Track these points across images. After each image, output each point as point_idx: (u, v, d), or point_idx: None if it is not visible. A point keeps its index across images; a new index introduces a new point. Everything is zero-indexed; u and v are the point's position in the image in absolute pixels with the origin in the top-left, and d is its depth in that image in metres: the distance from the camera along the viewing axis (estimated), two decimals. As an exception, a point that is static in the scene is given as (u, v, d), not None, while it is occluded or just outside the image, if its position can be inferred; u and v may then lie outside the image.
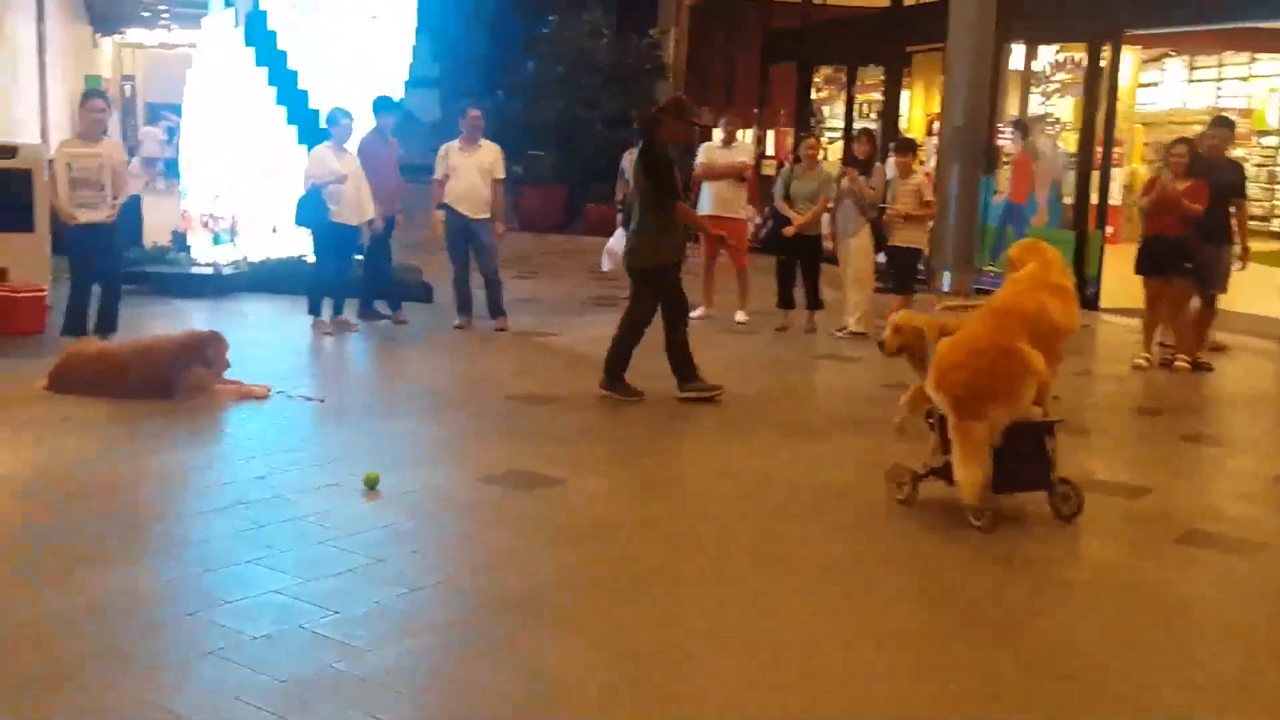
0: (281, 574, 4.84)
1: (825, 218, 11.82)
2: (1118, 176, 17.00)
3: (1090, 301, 13.50)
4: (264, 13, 12.75)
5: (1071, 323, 6.10)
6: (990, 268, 15.44)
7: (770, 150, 21.19)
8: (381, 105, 11.53)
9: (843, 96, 20.25)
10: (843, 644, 4.47)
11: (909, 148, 11.82)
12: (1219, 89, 20.89)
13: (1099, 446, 7.82)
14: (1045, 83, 16.65)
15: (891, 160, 13.29)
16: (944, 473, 5.99)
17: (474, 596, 4.79)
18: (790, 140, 20.92)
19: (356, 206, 10.76)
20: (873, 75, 19.96)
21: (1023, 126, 16.03)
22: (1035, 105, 16.58)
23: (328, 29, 13.08)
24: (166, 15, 35.17)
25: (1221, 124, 11.30)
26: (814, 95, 20.95)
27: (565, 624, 4.54)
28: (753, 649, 4.39)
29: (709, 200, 12.47)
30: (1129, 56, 16.80)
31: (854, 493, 6.46)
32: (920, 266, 12.05)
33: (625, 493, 6.39)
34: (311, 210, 10.67)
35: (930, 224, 11.84)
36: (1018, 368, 5.76)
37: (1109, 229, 15.50)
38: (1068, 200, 15.36)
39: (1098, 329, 12.70)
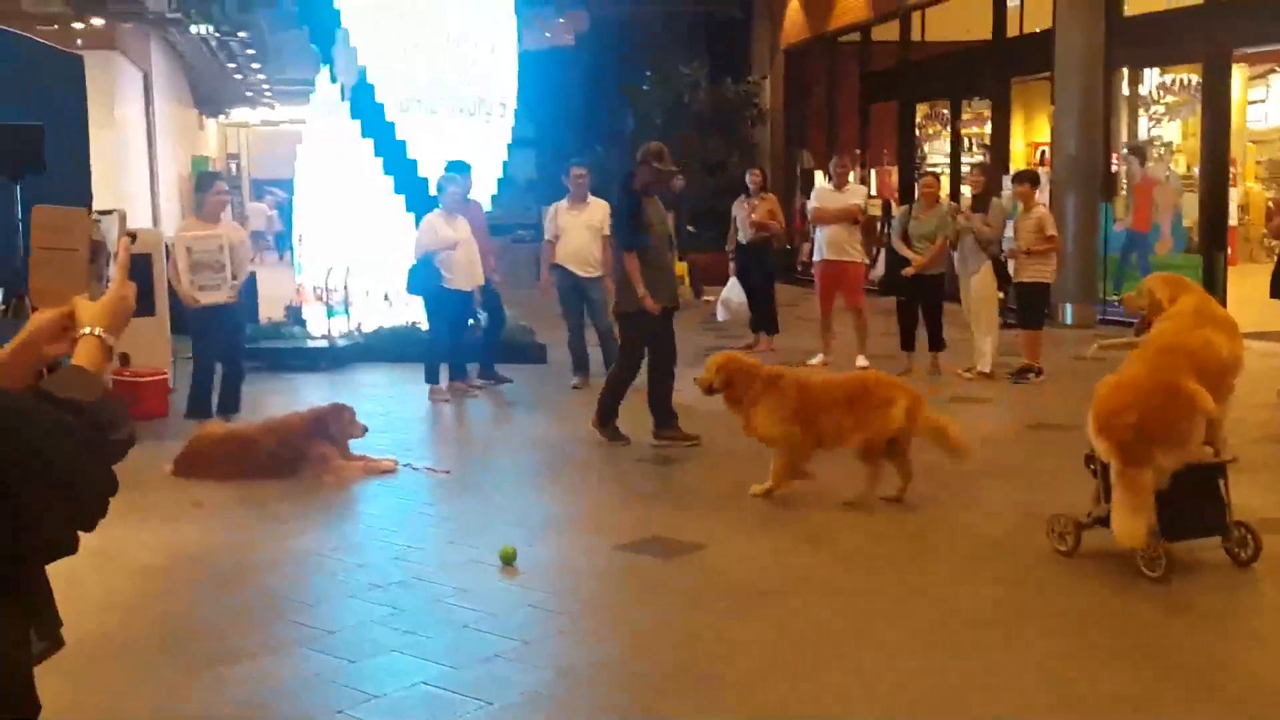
0: (428, 663, 4.66)
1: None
2: (1233, 197, 16.45)
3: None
4: (370, 85, 12.82)
5: (1239, 357, 5.74)
6: (1114, 297, 14.98)
7: (874, 190, 20.87)
8: (453, 169, 11.38)
9: (945, 132, 19.91)
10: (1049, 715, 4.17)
11: (1028, 179, 11.41)
12: (1328, 103, 20.21)
13: (1261, 481, 7.37)
14: (1152, 106, 16.22)
15: (1007, 193, 12.95)
16: (1109, 522, 5.65)
17: (632, 678, 4.56)
18: (894, 178, 20.62)
19: (469, 272, 10.69)
20: (972, 109, 19.62)
21: (1140, 152, 15.57)
22: (1143, 130, 16.14)
23: (430, 93, 13.15)
24: (269, 94, 36.02)
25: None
26: (916, 132, 20.65)
27: (741, 703, 4.28)
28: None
29: (822, 244, 12.25)
30: (1236, 75, 16.28)
31: (1013, 543, 6.17)
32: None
33: (772, 553, 6.13)
34: (423, 278, 10.62)
35: (1055, 257, 11.34)
36: (1186, 409, 5.41)
37: (1228, 250, 14.95)
38: (1187, 224, 14.84)
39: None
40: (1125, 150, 15.65)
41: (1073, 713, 4.20)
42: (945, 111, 19.90)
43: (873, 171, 21.18)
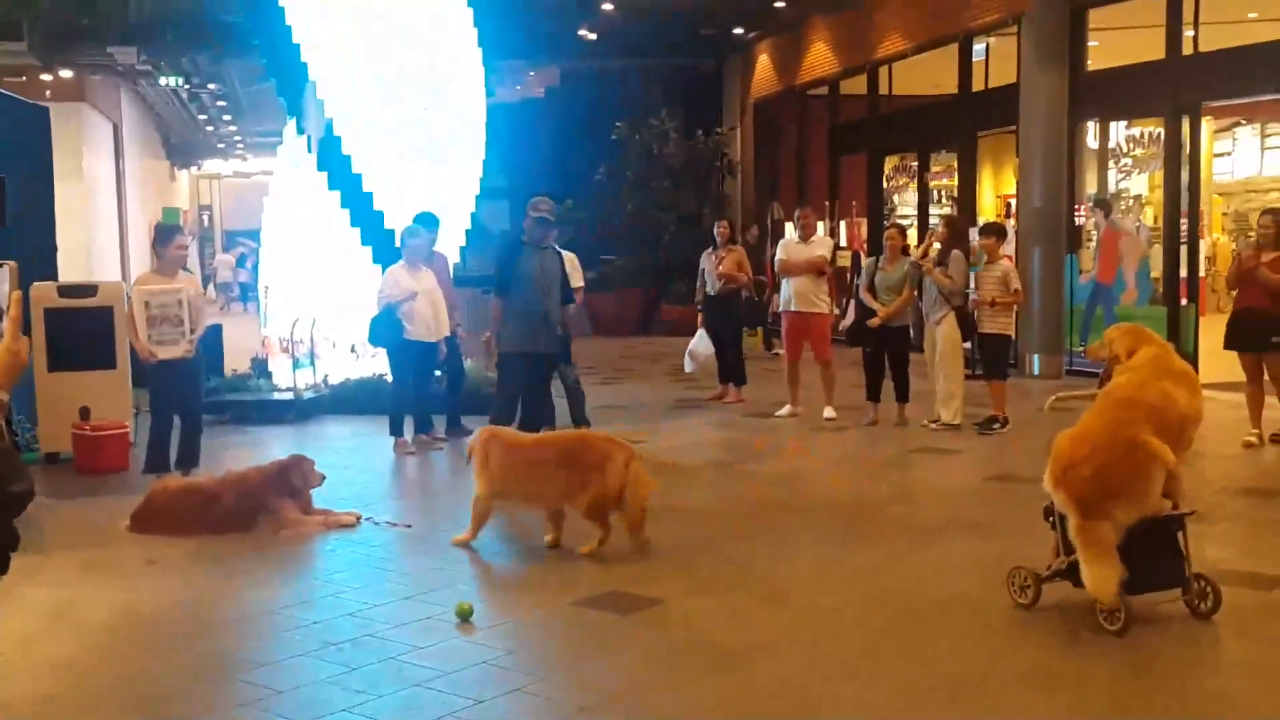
0: (379, 723, 4.58)
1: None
2: (1200, 248, 16.58)
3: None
4: (338, 138, 12.81)
5: (1199, 409, 5.74)
6: (1080, 348, 15.04)
7: (843, 241, 21.00)
8: (420, 221, 11.37)
9: (914, 184, 20.07)
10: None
11: (994, 232, 11.45)
12: (1294, 155, 20.53)
13: (1222, 533, 7.37)
14: (1119, 159, 16.37)
15: (973, 245, 13.02)
16: (1069, 574, 5.63)
17: (585, 738, 4.49)
18: (863, 230, 20.73)
19: (432, 323, 10.66)
20: (940, 162, 19.78)
21: (1105, 204, 15.70)
22: (1111, 182, 16.27)
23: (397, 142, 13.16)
24: (241, 145, 36.05)
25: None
26: (885, 184, 20.80)
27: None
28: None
29: (789, 295, 12.26)
30: (1203, 127, 16.46)
31: (976, 596, 6.11)
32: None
33: (732, 609, 6.05)
34: (385, 330, 10.58)
35: (1016, 309, 11.38)
36: (1145, 462, 5.39)
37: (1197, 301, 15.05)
38: (1154, 275, 14.94)
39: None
40: (1091, 202, 15.77)
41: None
42: (914, 164, 20.06)
43: (842, 223, 21.29)
